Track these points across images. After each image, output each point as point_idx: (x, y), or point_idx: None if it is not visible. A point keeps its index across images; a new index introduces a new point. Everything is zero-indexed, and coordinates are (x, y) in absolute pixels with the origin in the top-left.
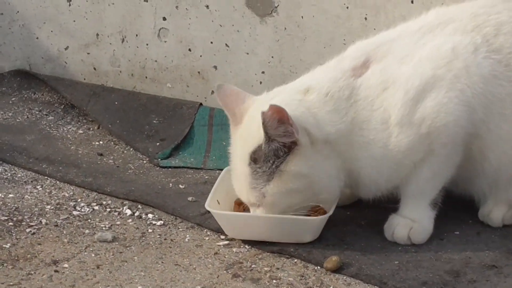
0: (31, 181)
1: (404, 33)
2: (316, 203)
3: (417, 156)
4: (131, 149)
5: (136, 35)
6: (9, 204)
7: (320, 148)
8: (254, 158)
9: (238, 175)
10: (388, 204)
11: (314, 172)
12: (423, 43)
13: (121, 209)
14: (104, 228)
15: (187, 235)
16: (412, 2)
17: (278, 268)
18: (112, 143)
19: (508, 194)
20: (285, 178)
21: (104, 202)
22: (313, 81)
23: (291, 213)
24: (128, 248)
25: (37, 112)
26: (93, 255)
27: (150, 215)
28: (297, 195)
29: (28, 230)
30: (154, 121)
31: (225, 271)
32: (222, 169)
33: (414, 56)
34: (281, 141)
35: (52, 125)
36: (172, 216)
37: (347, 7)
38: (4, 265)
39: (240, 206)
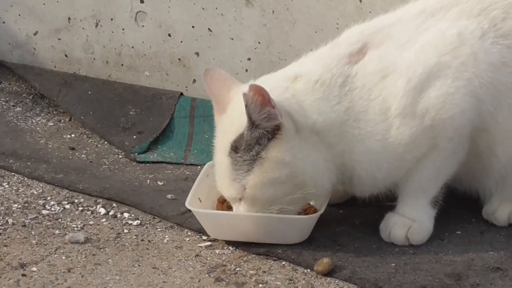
0: None
1: (404, 17)
2: (303, 199)
3: (419, 150)
4: (106, 142)
5: (111, 19)
6: None
7: (306, 136)
8: (235, 147)
9: (219, 168)
10: (385, 202)
11: (297, 161)
12: (425, 28)
13: (94, 207)
14: (76, 229)
15: (166, 236)
16: None
17: (264, 272)
18: (85, 136)
19: None
20: (266, 166)
21: (76, 201)
22: (303, 68)
23: (277, 210)
24: (102, 250)
25: (3, 103)
26: (64, 257)
27: (126, 214)
28: (280, 187)
29: None
30: (131, 113)
31: (207, 275)
32: (204, 164)
33: (416, 42)
34: (265, 127)
35: (20, 117)
36: (149, 216)
37: None
38: None
39: (224, 204)
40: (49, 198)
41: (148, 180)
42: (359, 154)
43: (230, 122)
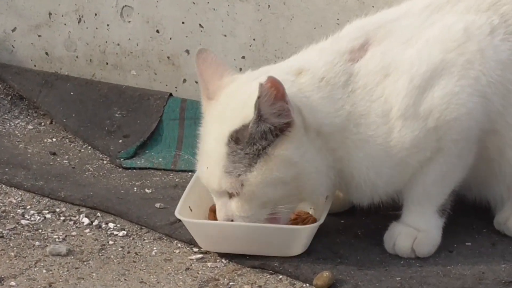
0: None
1: (409, 12)
2: (297, 202)
3: (423, 154)
4: (89, 147)
5: (95, 14)
6: None
7: (312, 138)
8: (236, 138)
9: (208, 157)
10: (389, 210)
11: (304, 162)
12: (430, 23)
13: (77, 217)
14: (57, 240)
15: (154, 248)
16: None
17: (260, 286)
18: (67, 140)
19: None
20: (271, 164)
21: (57, 210)
22: (307, 62)
23: (269, 212)
24: (85, 263)
25: None
26: (44, 271)
27: (111, 225)
28: (281, 188)
29: None
30: (116, 115)
31: None
32: (195, 171)
33: (420, 38)
34: (274, 122)
35: None
36: (136, 226)
37: None
38: None
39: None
40: (28, 207)
41: (135, 188)
42: (358, 160)
43: (230, 110)
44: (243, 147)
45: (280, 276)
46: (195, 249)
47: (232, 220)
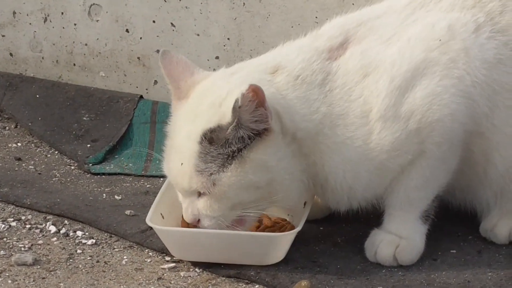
0: None
1: (391, 9)
2: (266, 206)
3: (404, 157)
4: (56, 152)
5: (62, 13)
6: None
7: (289, 142)
8: (210, 138)
9: (178, 155)
10: (370, 217)
11: (280, 168)
12: (413, 20)
13: (43, 225)
14: (23, 249)
15: (125, 257)
16: None
17: None
18: (32, 145)
19: None
20: (247, 167)
21: (23, 217)
22: (283, 59)
23: (237, 215)
24: (52, 273)
25: None
26: (9, 281)
27: (79, 233)
28: (254, 191)
29: None
30: (84, 118)
31: None
32: (167, 177)
33: (402, 36)
34: (252, 128)
35: None
36: (106, 234)
37: None
38: None
39: None
40: None
41: (104, 194)
42: (333, 165)
43: (204, 108)
44: (217, 148)
45: (257, 286)
46: (168, 258)
47: (199, 220)
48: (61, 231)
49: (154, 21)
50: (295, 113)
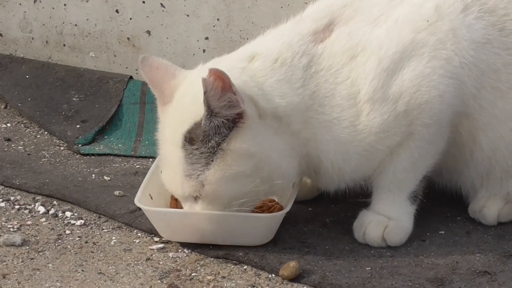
0: None
1: None
2: (267, 192)
3: (393, 139)
4: (46, 133)
5: None
6: None
7: (269, 122)
8: (190, 138)
9: (168, 164)
10: (359, 198)
11: (263, 150)
12: (400, 1)
13: (32, 206)
14: (11, 229)
15: (113, 237)
16: None
17: (224, 277)
18: (22, 125)
19: (504, 186)
20: (228, 159)
21: (11, 198)
22: (261, 46)
23: (238, 206)
24: (41, 254)
25: None
26: None
27: (68, 213)
28: (244, 182)
29: None
30: (74, 99)
31: (159, 281)
32: (156, 157)
33: (389, 17)
34: (225, 115)
35: None
36: (95, 214)
37: None
38: None
39: (178, 201)
40: None
41: (93, 175)
42: (325, 143)
43: (181, 111)
44: (198, 147)
45: (245, 267)
46: (156, 239)
47: None
48: (50, 212)
49: (143, 2)
50: (273, 95)
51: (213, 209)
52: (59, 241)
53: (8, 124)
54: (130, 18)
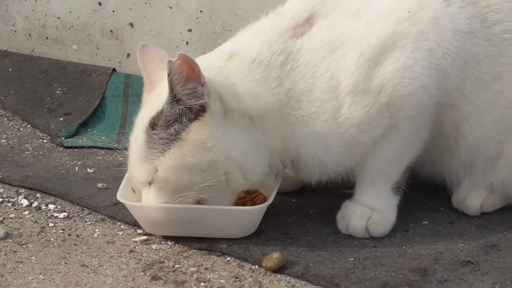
0: None
1: None
2: (229, 188)
3: (375, 131)
4: (29, 125)
5: None
6: None
7: (235, 120)
8: (153, 123)
9: (131, 147)
10: (342, 189)
11: (221, 147)
12: None
13: (15, 198)
14: None
15: (97, 230)
16: None
17: (207, 269)
18: (5, 119)
19: (487, 177)
20: (185, 149)
21: None
22: (241, 44)
23: (191, 198)
24: (24, 246)
25: None
26: None
27: (51, 206)
28: (198, 174)
29: None
30: (57, 92)
31: (142, 273)
32: None
33: (370, 9)
34: (188, 103)
35: None
36: (78, 207)
37: None
38: None
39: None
40: None
41: (77, 168)
42: (304, 137)
43: (156, 98)
44: (158, 132)
45: (228, 258)
46: (139, 231)
47: None
48: (33, 205)
49: None
50: (245, 96)
51: (162, 196)
52: (42, 233)
53: None
54: (113, 11)
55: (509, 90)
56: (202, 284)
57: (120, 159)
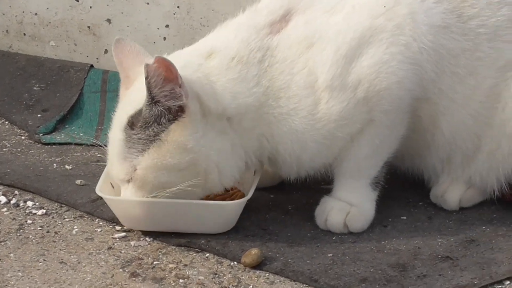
0: None
1: None
2: (203, 188)
3: (353, 127)
4: (7, 122)
5: None
6: None
7: (212, 121)
8: (132, 123)
9: (110, 145)
10: (321, 184)
11: (200, 147)
12: None
13: None
14: None
15: (75, 227)
16: None
17: (186, 265)
18: None
19: (465, 171)
20: (164, 150)
21: None
22: (220, 42)
23: (167, 197)
24: (2, 244)
25: None
26: None
27: (29, 203)
28: (176, 174)
29: None
30: (35, 88)
31: (121, 270)
32: None
33: (346, 4)
34: (166, 105)
35: None
36: (56, 204)
37: None
38: None
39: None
40: None
41: (55, 164)
42: (282, 135)
43: (133, 96)
44: (137, 132)
45: (207, 254)
46: (118, 228)
47: None
48: (11, 202)
49: None
50: (223, 96)
51: (140, 195)
52: (21, 231)
53: None
54: (90, 7)
55: (484, 84)
56: (181, 280)
57: (98, 155)
